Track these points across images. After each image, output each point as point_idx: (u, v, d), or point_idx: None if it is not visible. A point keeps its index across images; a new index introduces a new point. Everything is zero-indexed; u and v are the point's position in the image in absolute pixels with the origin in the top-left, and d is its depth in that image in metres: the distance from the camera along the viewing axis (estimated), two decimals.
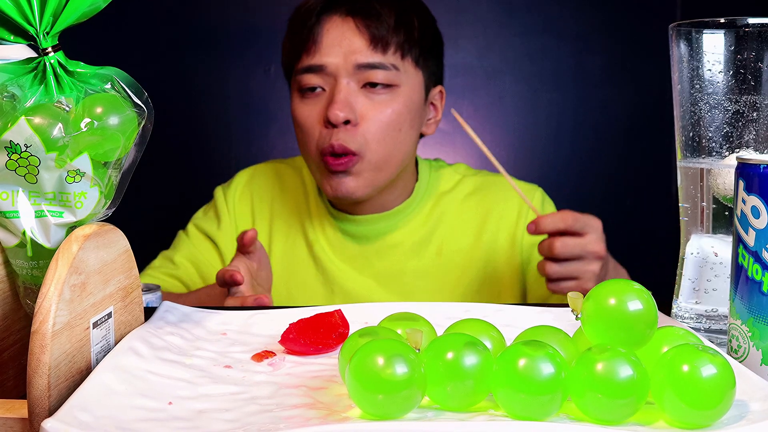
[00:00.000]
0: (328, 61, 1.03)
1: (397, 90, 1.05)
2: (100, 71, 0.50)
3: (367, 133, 1.03)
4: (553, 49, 1.90)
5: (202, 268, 1.16)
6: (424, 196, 1.15)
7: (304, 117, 1.06)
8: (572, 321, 0.61)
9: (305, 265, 1.15)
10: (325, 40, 1.03)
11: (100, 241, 0.49)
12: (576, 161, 1.94)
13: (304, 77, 1.05)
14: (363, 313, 0.64)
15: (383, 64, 1.03)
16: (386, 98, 1.04)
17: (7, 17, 0.47)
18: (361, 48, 1.03)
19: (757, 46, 0.62)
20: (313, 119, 1.05)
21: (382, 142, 1.04)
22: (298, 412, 0.45)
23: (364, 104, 1.03)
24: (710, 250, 0.65)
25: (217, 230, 1.17)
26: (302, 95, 1.06)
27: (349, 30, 1.03)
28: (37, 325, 0.43)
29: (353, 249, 1.14)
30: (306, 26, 1.05)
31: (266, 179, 1.21)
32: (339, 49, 1.03)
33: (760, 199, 0.52)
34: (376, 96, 1.04)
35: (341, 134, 1.02)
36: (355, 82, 1.03)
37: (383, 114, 1.03)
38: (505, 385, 0.43)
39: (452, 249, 1.14)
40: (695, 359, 0.42)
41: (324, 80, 1.04)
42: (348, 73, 1.03)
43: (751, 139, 0.63)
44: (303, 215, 1.17)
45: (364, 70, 1.03)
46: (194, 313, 0.62)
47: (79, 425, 0.39)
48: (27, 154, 0.47)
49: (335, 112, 1.01)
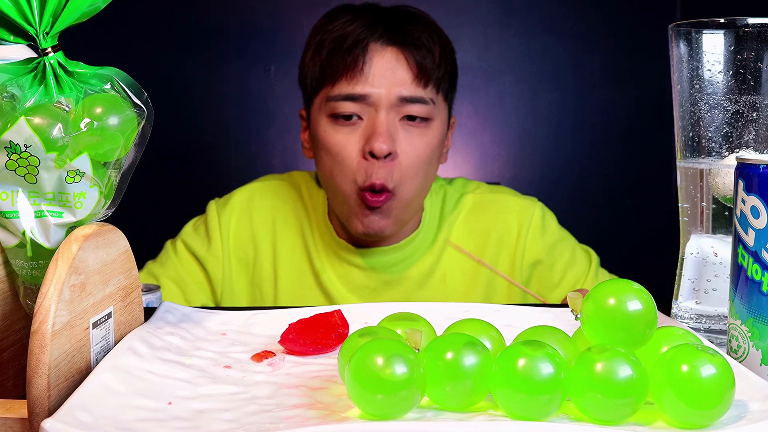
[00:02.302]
0: (371, 92, 0.99)
1: (431, 124, 1.02)
2: (99, 71, 0.50)
3: (403, 167, 1.00)
4: (553, 49, 1.90)
5: (186, 291, 1.11)
6: (430, 225, 1.13)
7: (339, 145, 1.01)
8: (572, 321, 0.61)
9: (313, 295, 1.11)
10: (372, 70, 0.99)
11: (99, 241, 0.49)
12: (576, 161, 1.95)
13: (341, 104, 1.00)
14: (363, 313, 0.64)
15: (423, 98, 1.01)
16: (421, 131, 1.02)
17: (7, 17, 0.47)
18: (406, 81, 1.00)
19: (756, 46, 0.62)
20: (350, 149, 1.00)
21: (414, 177, 1.02)
22: (298, 412, 0.45)
23: (403, 137, 1.00)
24: (710, 250, 0.65)
25: (206, 252, 1.12)
26: (335, 121, 1.02)
27: (396, 61, 1.00)
28: (36, 325, 0.43)
29: (360, 279, 1.11)
30: (350, 53, 1.00)
31: (266, 201, 1.15)
32: (384, 80, 0.99)
33: (759, 199, 0.52)
34: (413, 129, 1.01)
35: (381, 170, 0.99)
36: (395, 113, 1.00)
37: (419, 149, 1.01)
38: (505, 385, 0.43)
39: (456, 274, 1.11)
40: (695, 359, 0.42)
41: (362, 109, 1.00)
42: (390, 104, 0.99)
43: (751, 139, 0.63)
44: (308, 241, 1.12)
45: (405, 104, 1.00)
46: (194, 313, 0.62)
47: (78, 425, 0.39)
48: (27, 154, 0.47)
49: (380, 145, 0.97)
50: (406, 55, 1.00)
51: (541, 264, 1.11)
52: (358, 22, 1.02)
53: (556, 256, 1.12)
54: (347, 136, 1.01)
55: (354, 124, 1.01)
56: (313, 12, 1.91)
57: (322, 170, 1.06)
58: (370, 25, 1.02)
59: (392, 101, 0.99)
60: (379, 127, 0.98)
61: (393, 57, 1.00)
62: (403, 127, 1.01)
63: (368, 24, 1.02)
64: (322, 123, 1.03)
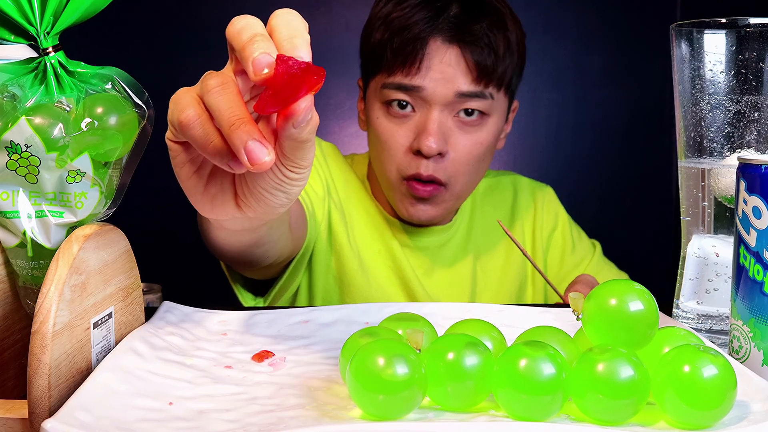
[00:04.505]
0: (425, 85, 0.96)
1: (488, 119, 1.00)
2: (100, 71, 0.50)
3: (455, 164, 0.98)
4: (553, 49, 1.90)
5: None
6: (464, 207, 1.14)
7: (388, 135, 0.99)
8: (573, 321, 0.61)
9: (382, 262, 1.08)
10: (429, 63, 0.96)
11: (100, 241, 0.49)
12: (576, 161, 1.95)
13: (395, 93, 0.98)
14: (363, 314, 0.64)
15: (483, 94, 0.97)
16: (477, 127, 0.99)
17: (8, 17, 0.47)
18: (464, 78, 0.96)
19: (758, 46, 0.62)
20: (399, 142, 0.98)
21: (468, 174, 1.00)
22: (298, 412, 0.45)
23: (456, 136, 0.98)
24: (711, 251, 0.65)
25: None
26: (388, 108, 0.99)
27: (456, 57, 0.96)
28: (37, 325, 0.43)
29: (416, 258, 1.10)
30: (409, 45, 0.97)
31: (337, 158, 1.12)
32: (440, 75, 0.96)
33: (761, 200, 0.52)
34: (467, 126, 0.98)
35: (431, 164, 0.97)
36: (449, 110, 0.97)
37: (473, 147, 0.99)
38: (506, 385, 0.43)
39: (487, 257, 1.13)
40: (696, 360, 0.42)
41: (415, 101, 0.97)
42: (445, 102, 0.96)
43: (753, 140, 0.63)
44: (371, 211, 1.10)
45: (463, 99, 0.97)
46: (195, 313, 0.62)
47: (79, 425, 0.39)
48: (27, 154, 0.47)
49: (429, 145, 0.95)
50: (466, 56, 0.97)
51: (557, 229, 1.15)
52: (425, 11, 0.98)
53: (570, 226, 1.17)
54: (398, 127, 0.99)
55: (407, 116, 0.98)
56: (313, 12, 1.91)
57: (372, 150, 1.05)
58: (435, 18, 0.98)
59: (448, 99, 0.96)
60: (430, 125, 0.96)
61: (453, 57, 0.97)
62: (457, 125, 0.98)
63: (433, 17, 0.98)
64: (375, 108, 1.01)
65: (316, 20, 1.90)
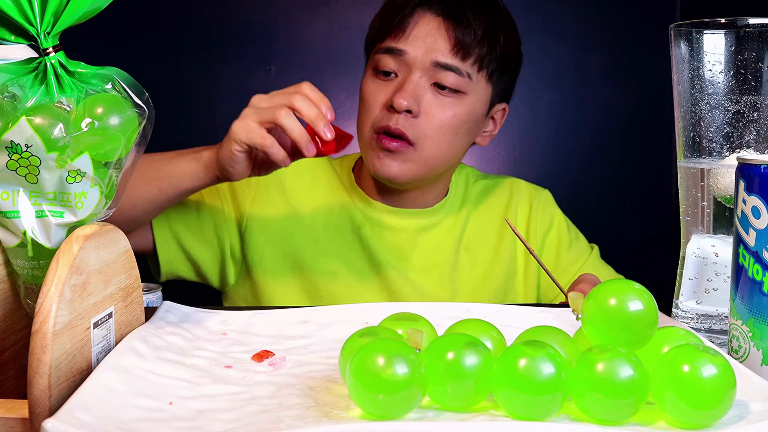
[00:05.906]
0: (408, 49, 1.05)
1: (464, 98, 1.06)
2: (100, 71, 0.50)
3: (425, 126, 1.05)
4: (553, 49, 1.90)
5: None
6: (455, 196, 1.18)
7: (369, 94, 1.08)
8: (573, 321, 0.61)
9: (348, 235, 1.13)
10: (413, 31, 1.06)
11: (100, 241, 0.49)
12: (576, 161, 1.95)
13: (383, 58, 1.07)
14: (363, 313, 0.64)
15: (459, 69, 1.05)
16: (451, 102, 1.06)
17: (8, 17, 0.47)
18: (443, 49, 1.05)
19: (757, 46, 0.62)
20: (377, 100, 1.06)
21: (438, 140, 1.06)
22: (298, 412, 0.45)
23: (430, 101, 1.05)
24: (711, 250, 0.65)
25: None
26: (375, 74, 1.08)
27: (437, 29, 1.05)
28: (37, 325, 0.43)
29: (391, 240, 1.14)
30: (399, 14, 1.07)
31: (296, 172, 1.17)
32: (422, 42, 1.05)
33: (760, 200, 0.52)
34: (442, 97, 1.06)
35: (401, 120, 1.04)
36: (427, 78, 1.05)
37: (444, 115, 1.05)
38: (506, 385, 0.43)
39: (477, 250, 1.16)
40: (696, 359, 0.42)
41: (399, 66, 1.06)
42: (423, 67, 1.04)
43: (752, 140, 0.63)
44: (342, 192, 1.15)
45: (439, 70, 1.05)
46: (195, 313, 0.62)
47: (79, 425, 0.39)
48: (28, 154, 0.47)
49: (399, 100, 1.02)
50: (447, 25, 1.05)
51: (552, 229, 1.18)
52: None
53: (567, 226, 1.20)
54: (380, 88, 1.07)
55: (390, 81, 1.06)
56: (313, 12, 1.91)
57: (358, 120, 1.11)
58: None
59: (426, 65, 1.04)
60: (406, 84, 1.04)
61: (435, 25, 1.05)
62: (432, 92, 1.05)
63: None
64: (366, 75, 1.10)
65: (316, 20, 1.90)
